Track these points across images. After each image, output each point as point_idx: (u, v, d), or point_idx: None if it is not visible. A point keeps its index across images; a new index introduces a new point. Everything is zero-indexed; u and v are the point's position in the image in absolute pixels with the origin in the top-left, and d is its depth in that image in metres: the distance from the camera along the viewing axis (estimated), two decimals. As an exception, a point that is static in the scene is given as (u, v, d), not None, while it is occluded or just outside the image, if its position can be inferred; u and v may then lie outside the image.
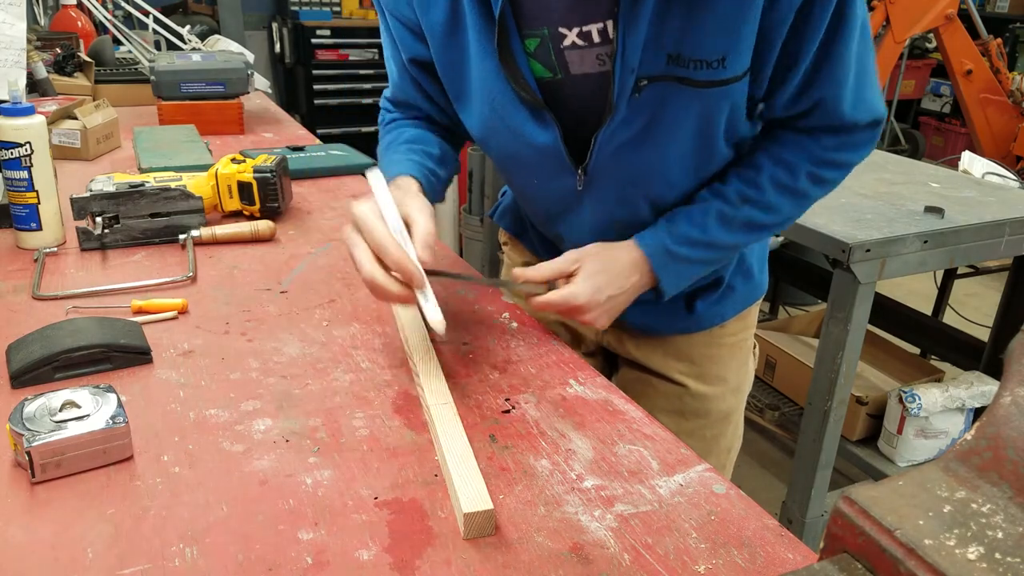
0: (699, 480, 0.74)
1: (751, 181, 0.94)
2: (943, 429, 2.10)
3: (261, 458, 0.73)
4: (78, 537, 0.63)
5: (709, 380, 1.14)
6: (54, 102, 1.75)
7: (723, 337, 1.14)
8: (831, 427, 1.80)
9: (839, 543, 0.38)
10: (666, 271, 0.95)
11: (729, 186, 0.95)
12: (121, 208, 1.19)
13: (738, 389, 1.17)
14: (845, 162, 0.96)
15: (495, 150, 1.00)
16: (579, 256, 0.93)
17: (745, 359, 1.18)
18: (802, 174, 0.94)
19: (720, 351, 1.14)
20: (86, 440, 0.70)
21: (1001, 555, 0.34)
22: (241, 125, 1.94)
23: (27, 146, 1.11)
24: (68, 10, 2.57)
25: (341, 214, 1.40)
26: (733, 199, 0.94)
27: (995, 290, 3.39)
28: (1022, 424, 0.36)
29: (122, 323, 0.91)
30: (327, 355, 0.92)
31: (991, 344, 2.40)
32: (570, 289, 0.91)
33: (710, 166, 0.96)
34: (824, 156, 0.94)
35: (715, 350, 1.14)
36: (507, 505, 0.69)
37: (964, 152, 2.58)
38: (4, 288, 1.05)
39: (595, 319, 0.93)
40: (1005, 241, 1.84)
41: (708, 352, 1.14)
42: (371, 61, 5.25)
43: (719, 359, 1.15)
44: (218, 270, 1.14)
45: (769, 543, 0.66)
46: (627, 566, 0.63)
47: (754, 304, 1.16)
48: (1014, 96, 4.45)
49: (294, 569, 0.61)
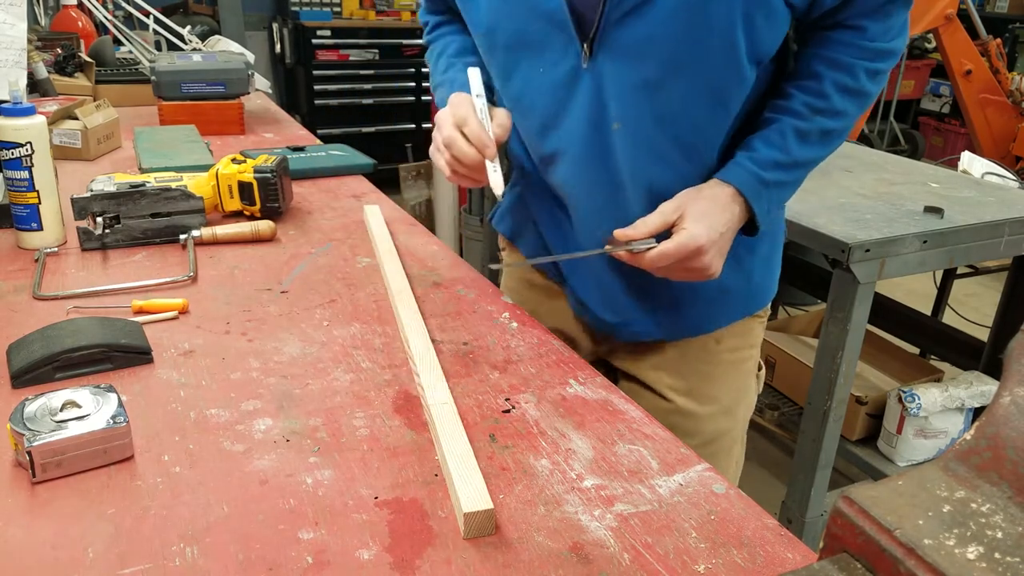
0: (699, 480, 0.74)
1: (815, 91, 0.92)
2: (943, 429, 2.10)
3: (261, 458, 0.74)
4: (78, 537, 0.63)
5: (700, 398, 1.09)
6: (55, 102, 1.75)
7: (719, 353, 1.09)
8: (831, 427, 1.80)
9: (839, 543, 0.38)
10: (760, 200, 0.92)
11: (794, 100, 0.93)
12: (122, 208, 1.19)
13: (731, 411, 1.12)
14: (893, 50, 0.94)
15: (502, 36, 0.96)
16: (679, 203, 0.90)
17: (745, 380, 1.12)
18: (861, 72, 0.92)
19: (715, 368, 1.09)
20: (86, 440, 0.70)
21: (1001, 555, 0.34)
22: (241, 125, 1.94)
23: (28, 146, 1.11)
24: (69, 10, 2.57)
25: (341, 214, 1.40)
26: (804, 112, 0.92)
27: (995, 290, 3.39)
28: (1022, 424, 0.36)
29: (122, 323, 0.91)
30: (327, 355, 0.92)
31: (991, 344, 2.40)
32: (687, 232, 0.88)
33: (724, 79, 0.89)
34: (874, 47, 0.92)
35: (710, 367, 1.09)
36: (507, 505, 0.69)
37: (964, 152, 2.58)
38: (5, 288, 1.05)
39: (711, 262, 0.90)
40: (1004, 241, 1.84)
41: (702, 368, 1.09)
42: (371, 61, 5.25)
43: (713, 377, 1.09)
44: (218, 270, 1.14)
45: (769, 543, 0.66)
46: (627, 566, 0.63)
47: (756, 316, 1.11)
48: (1013, 96, 4.45)
49: (294, 569, 0.61)
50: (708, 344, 1.08)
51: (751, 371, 1.14)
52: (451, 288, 1.12)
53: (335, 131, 5.08)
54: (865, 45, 0.92)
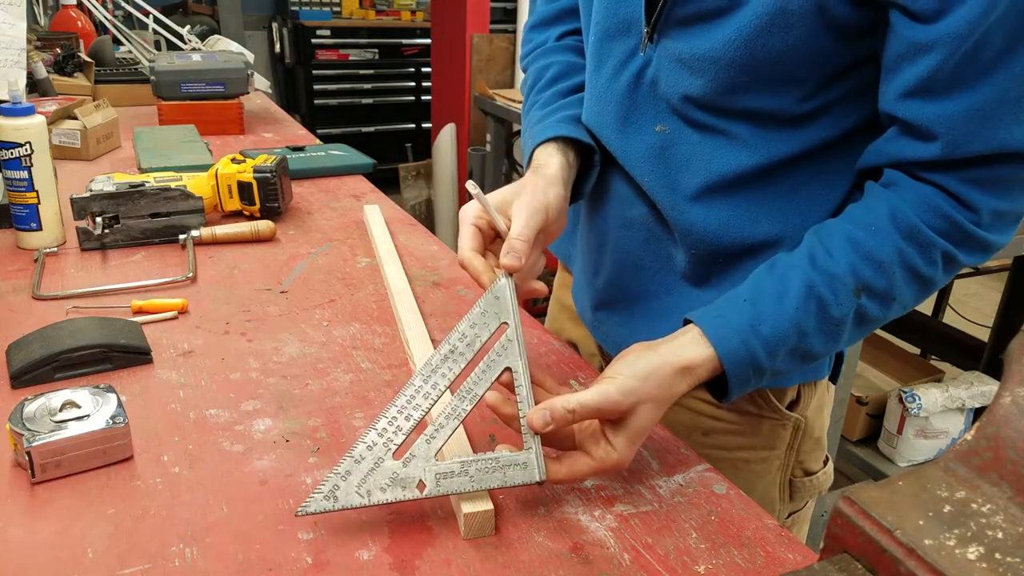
0: (699, 480, 0.74)
1: (873, 259, 0.69)
2: (943, 429, 2.10)
3: (261, 458, 0.73)
4: (78, 537, 0.63)
5: None
6: (54, 102, 1.75)
7: (705, 448, 0.86)
8: (831, 427, 1.80)
9: (839, 543, 0.38)
10: (743, 387, 0.71)
11: (840, 260, 0.69)
12: (121, 208, 1.19)
13: None
14: (990, 244, 0.70)
15: None
16: (638, 396, 0.66)
17: (746, 484, 0.85)
18: (939, 255, 0.69)
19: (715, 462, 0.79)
20: (86, 440, 0.70)
21: (1001, 555, 0.34)
22: (241, 125, 1.94)
23: (27, 146, 1.11)
24: (68, 10, 2.57)
25: (341, 214, 1.40)
26: (846, 285, 0.69)
27: (995, 290, 3.39)
28: (1022, 424, 0.36)
29: (122, 323, 0.91)
30: (327, 355, 0.92)
31: (991, 344, 2.41)
32: (616, 457, 0.67)
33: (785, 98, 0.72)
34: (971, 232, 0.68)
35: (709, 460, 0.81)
36: (507, 505, 0.69)
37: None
38: (4, 288, 1.05)
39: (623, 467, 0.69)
40: (1005, 241, 1.83)
41: None
42: (371, 61, 5.25)
43: None
44: (218, 270, 1.14)
45: (769, 543, 0.66)
46: (627, 566, 0.63)
47: (765, 418, 0.86)
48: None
49: (294, 569, 0.61)
50: (693, 436, 0.88)
51: (765, 474, 0.90)
52: (451, 288, 1.12)
53: (335, 131, 5.09)
54: (961, 223, 0.68)
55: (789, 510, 0.94)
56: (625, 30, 0.80)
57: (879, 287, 0.69)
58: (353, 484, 0.63)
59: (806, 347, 0.70)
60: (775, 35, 0.68)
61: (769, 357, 0.69)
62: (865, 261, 0.69)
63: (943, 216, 0.68)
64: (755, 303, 0.70)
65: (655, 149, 0.81)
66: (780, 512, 0.93)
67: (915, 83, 0.65)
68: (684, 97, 0.77)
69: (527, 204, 0.74)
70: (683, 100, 0.77)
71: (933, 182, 0.68)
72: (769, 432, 0.88)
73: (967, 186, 0.67)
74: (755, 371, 0.69)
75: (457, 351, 0.69)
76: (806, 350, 0.70)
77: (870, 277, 0.68)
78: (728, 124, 0.76)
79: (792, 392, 0.87)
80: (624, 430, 0.66)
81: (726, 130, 0.77)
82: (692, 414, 0.89)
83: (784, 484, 0.91)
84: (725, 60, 0.71)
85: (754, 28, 0.69)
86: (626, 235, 0.88)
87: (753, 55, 0.70)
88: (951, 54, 0.63)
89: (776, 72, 0.71)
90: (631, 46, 0.80)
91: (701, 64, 0.73)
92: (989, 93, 0.63)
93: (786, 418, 0.88)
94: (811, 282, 0.69)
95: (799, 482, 0.92)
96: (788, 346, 0.69)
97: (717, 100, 0.75)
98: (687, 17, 0.73)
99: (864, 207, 0.71)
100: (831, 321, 0.69)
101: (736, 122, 0.76)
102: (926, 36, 0.63)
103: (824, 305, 0.69)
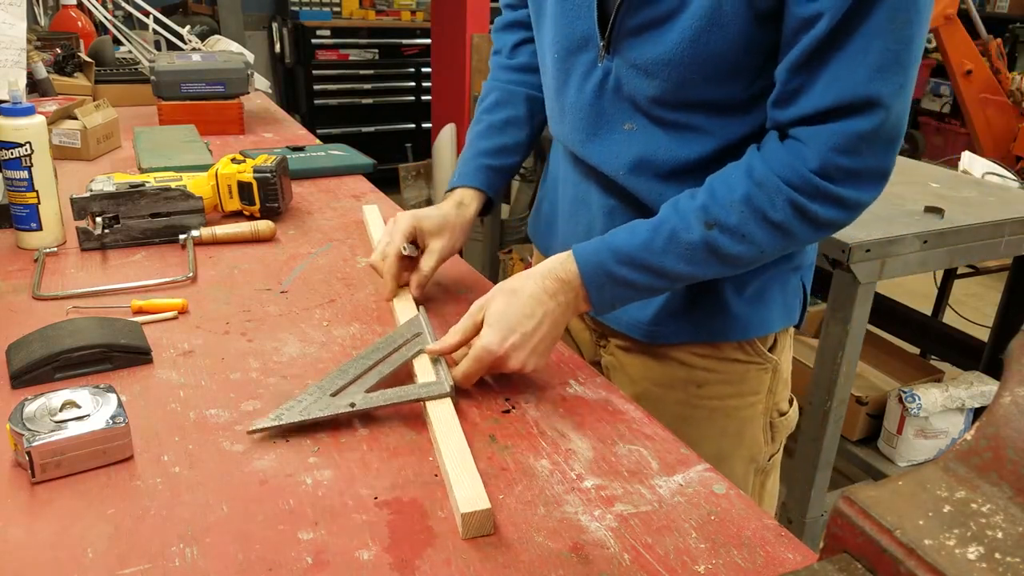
0: (699, 480, 0.74)
1: (725, 201, 0.82)
2: (943, 429, 2.10)
3: (261, 458, 0.74)
4: (78, 537, 0.63)
5: None
6: (54, 102, 1.75)
7: (699, 399, 0.99)
8: (831, 427, 1.80)
9: (839, 543, 0.38)
10: (602, 292, 0.86)
11: (697, 199, 0.83)
12: (121, 208, 1.19)
13: (723, 461, 0.97)
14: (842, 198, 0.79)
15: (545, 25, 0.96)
16: (483, 301, 0.86)
17: (737, 431, 1.00)
18: (784, 204, 0.80)
19: (695, 412, 0.99)
20: (86, 440, 0.70)
21: (1001, 555, 0.34)
22: (241, 125, 1.94)
23: (27, 146, 1.11)
24: (68, 10, 2.57)
25: (341, 214, 1.40)
26: (697, 217, 0.82)
27: (995, 290, 3.39)
28: (1022, 424, 0.36)
29: (122, 323, 0.91)
30: (327, 355, 0.92)
31: (991, 344, 2.41)
32: (479, 344, 0.83)
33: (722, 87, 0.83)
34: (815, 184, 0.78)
35: (688, 410, 1.00)
36: (507, 505, 0.69)
37: (964, 152, 2.58)
38: (4, 288, 1.05)
39: (520, 363, 0.84)
40: (1005, 241, 1.84)
41: (682, 412, 0.99)
42: (371, 61, 5.25)
43: (694, 421, 0.99)
44: (218, 270, 1.14)
45: (769, 543, 0.66)
46: (627, 566, 0.63)
47: (752, 363, 0.97)
48: (1014, 96, 4.45)
49: (294, 569, 0.61)
50: (688, 388, 1.00)
51: (752, 419, 1.01)
52: (451, 288, 1.12)
53: (335, 131, 5.09)
54: (804, 173, 0.78)
55: (770, 452, 1.05)
56: (583, 45, 0.91)
57: (728, 223, 0.81)
58: (296, 412, 0.78)
59: (659, 264, 0.84)
60: (715, 33, 0.80)
61: (617, 262, 0.84)
62: (715, 200, 0.82)
63: (793, 169, 0.79)
64: (616, 231, 0.86)
65: (625, 145, 0.92)
66: (765, 454, 1.04)
67: (797, 56, 0.77)
68: (645, 97, 0.88)
69: (441, 249, 1.02)
70: (645, 100, 0.88)
71: (797, 138, 0.80)
72: (755, 378, 1.00)
73: (820, 144, 0.77)
74: (607, 276, 0.85)
75: (379, 348, 0.89)
76: (660, 267, 0.84)
77: (719, 213, 0.81)
78: (688, 116, 0.88)
79: (771, 339, 1.00)
80: (485, 320, 0.84)
81: (688, 122, 0.88)
82: (687, 368, 0.99)
83: (767, 426, 1.03)
84: (675, 61, 0.83)
85: (695, 30, 0.80)
86: (608, 223, 0.97)
87: (698, 53, 0.81)
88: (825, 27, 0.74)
89: (721, 65, 0.82)
90: (591, 58, 0.91)
91: (655, 67, 0.85)
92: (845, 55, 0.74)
93: (768, 361, 1.00)
94: (666, 215, 0.85)
95: (777, 422, 1.04)
96: (638, 259, 0.84)
97: (674, 96, 0.86)
98: (636, 27, 0.84)
99: (734, 164, 0.84)
100: (681, 243, 0.83)
101: (694, 114, 0.87)
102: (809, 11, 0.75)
103: (674, 231, 0.83)
